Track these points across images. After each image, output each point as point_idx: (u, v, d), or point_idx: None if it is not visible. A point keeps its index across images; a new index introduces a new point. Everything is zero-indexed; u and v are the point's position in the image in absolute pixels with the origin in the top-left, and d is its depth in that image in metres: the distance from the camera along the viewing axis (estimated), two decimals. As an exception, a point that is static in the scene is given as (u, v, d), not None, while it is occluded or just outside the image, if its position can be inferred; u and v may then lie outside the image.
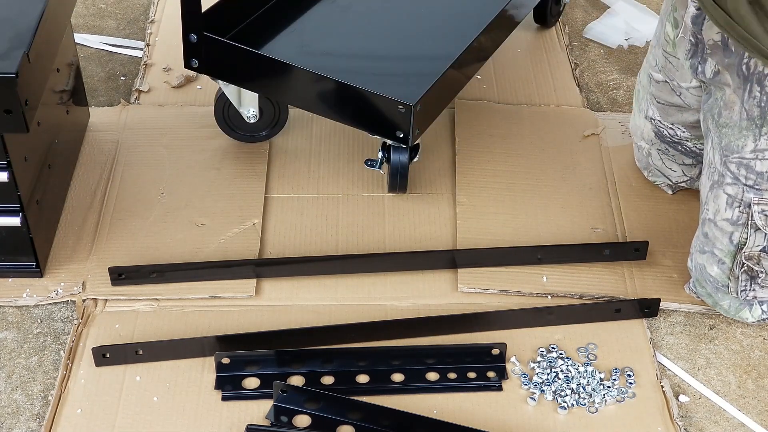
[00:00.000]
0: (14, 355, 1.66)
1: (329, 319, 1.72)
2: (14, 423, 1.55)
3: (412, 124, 1.72)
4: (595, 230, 1.90)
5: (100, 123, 2.12)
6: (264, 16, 2.03)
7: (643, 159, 1.99)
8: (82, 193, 1.94)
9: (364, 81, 1.75)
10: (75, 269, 1.79)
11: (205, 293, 1.74)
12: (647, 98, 1.90)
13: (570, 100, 2.25)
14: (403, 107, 1.71)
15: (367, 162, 1.91)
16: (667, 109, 1.86)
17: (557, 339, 1.69)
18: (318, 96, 1.80)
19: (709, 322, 1.76)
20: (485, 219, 1.91)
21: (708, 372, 1.67)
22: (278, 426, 1.53)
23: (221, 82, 1.89)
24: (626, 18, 2.54)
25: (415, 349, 1.65)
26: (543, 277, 1.80)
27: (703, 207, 1.72)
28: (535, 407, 1.58)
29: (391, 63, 1.99)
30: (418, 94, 1.73)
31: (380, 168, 1.89)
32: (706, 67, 1.66)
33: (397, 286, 1.78)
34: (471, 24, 2.00)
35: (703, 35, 1.63)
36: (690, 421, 1.59)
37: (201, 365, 1.63)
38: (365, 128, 1.80)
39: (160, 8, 2.50)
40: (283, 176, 2.00)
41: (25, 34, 1.60)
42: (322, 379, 1.61)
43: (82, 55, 2.31)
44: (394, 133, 1.75)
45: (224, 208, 1.92)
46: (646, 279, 1.81)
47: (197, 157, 2.03)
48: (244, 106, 1.95)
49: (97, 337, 1.67)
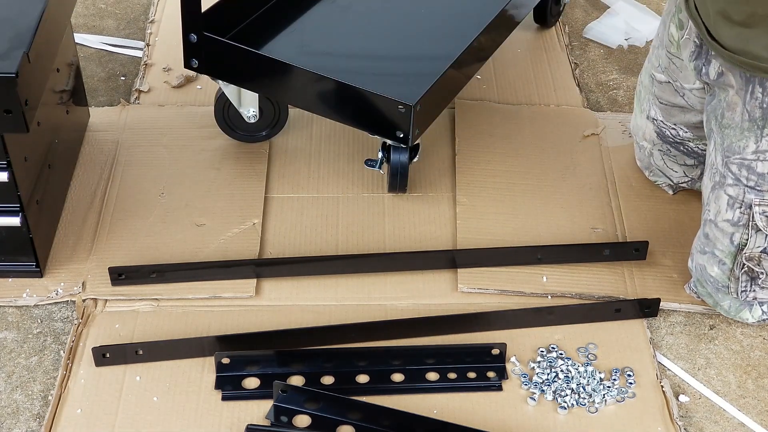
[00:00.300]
0: (14, 355, 1.66)
1: (329, 319, 1.72)
2: (14, 423, 1.55)
3: (412, 124, 1.72)
4: (595, 230, 1.90)
5: (100, 123, 2.12)
6: (264, 16, 2.03)
7: (644, 159, 1.99)
8: (82, 193, 1.94)
9: (364, 81, 1.75)
10: (75, 269, 1.79)
11: (205, 293, 1.74)
12: (649, 99, 1.90)
13: (570, 100, 2.25)
14: (403, 107, 1.71)
15: (367, 162, 1.91)
16: (670, 109, 1.86)
17: (557, 339, 1.69)
18: (318, 96, 1.80)
19: (709, 322, 1.76)
20: (485, 219, 1.91)
21: (708, 372, 1.67)
22: (278, 426, 1.53)
23: (221, 82, 1.89)
24: (626, 18, 2.54)
25: (415, 349, 1.65)
26: (543, 277, 1.80)
27: (705, 208, 1.71)
28: (535, 407, 1.58)
29: (391, 63, 2.00)
30: (418, 94, 1.73)
31: (380, 168, 1.89)
32: (710, 69, 1.66)
33: (397, 286, 1.78)
34: (471, 24, 2.00)
35: None
36: (690, 421, 1.59)
37: (201, 365, 1.63)
38: (365, 128, 1.80)
39: (160, 8, 2.50)
40: (283, 176, 2.00)
41: (25, 34, 1.60)
42: (322, 379, 1.61)
43: (82, 55, 2.31)
44: (394, 133, 1.75)
45: (224, 208, 1.92)
46: (646, 279, 1.81)
47: (197, 157, 2.03)
48: (244, 106, 1.95)
49: (97, 337, 1.67)
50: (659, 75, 1.84)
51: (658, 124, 1.90)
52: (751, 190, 1.62)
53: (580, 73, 2.35)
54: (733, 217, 1.65)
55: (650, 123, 1.91)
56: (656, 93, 1.87)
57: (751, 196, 1.62)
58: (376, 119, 1.76)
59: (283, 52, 1.91)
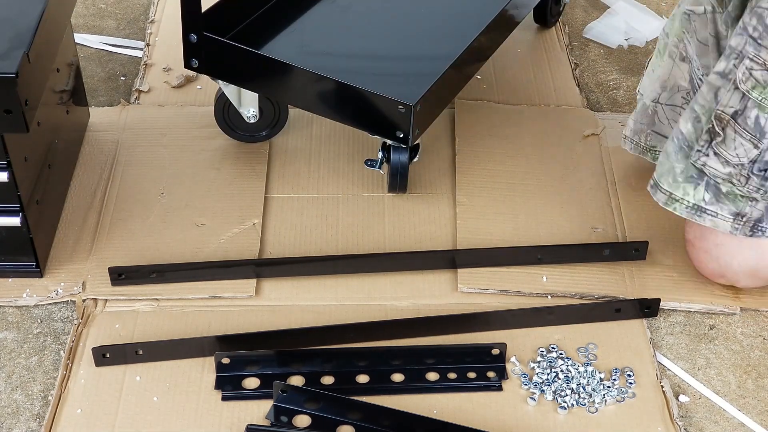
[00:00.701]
0: (14, 355, 1.66)
1: (329, 319, 1.72)
2: (14, 423, 1.55)
3: (412, 124, 1.72)
4: (595, 230, 1.90)
5: (100, 123, 2.12)
6: (264, 16, 2.03)
7: (645, 119, 1.91)
8: (82, 193, 1.94)
9: (364, 81, 1.75)
10: (75, 269, 1.79)
11: (205, 293, 1.74)
12: (685, 38, 1.82)
13: (570, 100, 2.25)
14: (403, 107, 1.71)
15: (367, 162, 1.91)
16: (706, 49, 1.79)
17: (557, 339, 1.69)
18: (318, 96, 1.80)
19: (709, 322, 1.76)
20: (485, 219, 1.91)
21: (708, 372, 1.67)
22: (278, 426, 1.53)
23: (221, 82, 1.89)
24: (626, 18, 2.54)
25: (415, 349, 1.65)
26: (543, 277, 1.80)
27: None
28: (535, 407, 1.58)
29: (391, 63, 1.99)
30: (418, 94, 1.73)
31: (380, 168, 1.89)
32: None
33: (397, 286, 1.78)
34: (471, 24, 2.00)
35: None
36: (690, 421, 1.59)
37: (201, 365, 1.63)
38: (365, 128, 1.80)
39: (160, 8, 2.50)
40: (283, 176, 2.00)
41: (25, 34, 1.60)
42: (322, 379, 1.61)
43: (82, 55, 2.31)
44: (394, 133, 1.75)
45: (224, 208, 1.92)
46: (646, 279, 1.81)
47: (197, 157, 2.04)
48: (244, 106, 1.95)
49: (97, 337, 1.67)
50: (697, 8, 1.77)
51: (695, 63, 1.81)
52: (752, 42, 1.54)
53: (580, 73, 2.35)
54: (725, 69, 1.59)
55: (684, 64, 1.84)
56: (696, 28, 1.79)
57: (749, 48, 1.55)
58: (376, 119, 1.76)
59: (283, 52, 1.91)
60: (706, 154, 1.62)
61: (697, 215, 1.68)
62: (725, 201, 1.65)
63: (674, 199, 1.69)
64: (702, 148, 1.62)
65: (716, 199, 1.66)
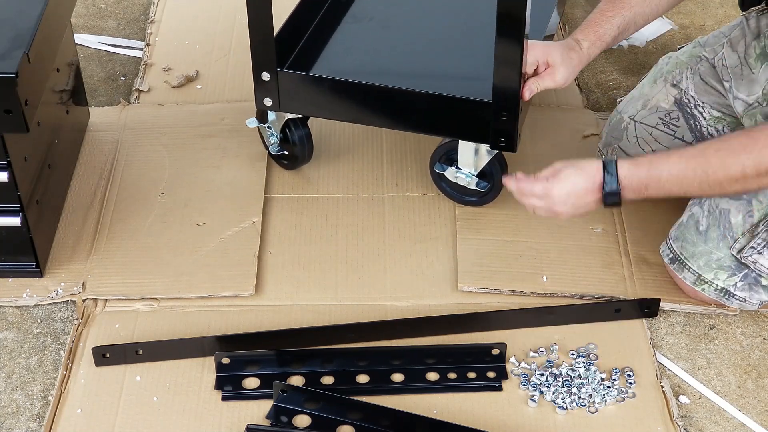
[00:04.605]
0: (14, 355, 1.66)
1: (329, 319, 1.72)
2: (14, 423, 1.55)
3: (516, 130, 1.71)
4: (595, 230, 1.90)
5: (100, 123, 2.12)
6: (309, 43, 1.95)
7: (615, 133, 1.92)
8: (82, 193, 1.94)
9: (465, 91, 1.72)
10: (75, 269, 1.79)
11: (205, 292, 1.74)
12: (685, 73, 1.85)
13: (570, 100, 2.25)
14: (506, 114, 1.69)
15: (436, 166, 1.87)
16: (709, 89, 1.82)
17: (557, 339, 1.69)
18: (422, 114, 1.76)
19: (709, 322, 1.76)
20: (485, 219, 1.91)
21: (708, 372, 1.67)
22: (278, 426, 1.53)
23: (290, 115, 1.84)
24: (626, 18, 2.53)
25: (415, 349, 1.65)
26: (543, 277, 1.80)
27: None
28: (535, 407, 1.58)
29: (468, 71, 1.90)
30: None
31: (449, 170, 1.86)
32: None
33: (397, 286, 1.78)
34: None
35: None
36: (690, 421, 1.59)
37: (201, 365, 1.63)
38: (469, 139, 1.77)
39: (160, 8, 2.50)
40: (283, 176, 2.00)
41: (25, 34, 1.60)
42: (322, 379, 1.61)
43: (82, 55, 2.31)
44: (497, 141, 1.73)
45: (224, 208, 1.92)
46: (646, 279, 1.81)
47: (197, 157, 2.04)
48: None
49: (97, 337, 1.67)
50: (713, 62, 1.80)
51: (687, 94, 1.84)
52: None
53: (580, 73, 2.35)
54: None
55: (674, 89, 1.86)
56: (701, 71, 1.83)
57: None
58: (479, 128, 1.73)
59: (358, 76, 1.80)
60: (759, 252, 1.65)
61: (725, 298, 1.72)
62: (759, 291, 1.69)
63: (703, 280, 1.71)
64: (757, 246, 1.64)
65: (749, 287, 1.69)
